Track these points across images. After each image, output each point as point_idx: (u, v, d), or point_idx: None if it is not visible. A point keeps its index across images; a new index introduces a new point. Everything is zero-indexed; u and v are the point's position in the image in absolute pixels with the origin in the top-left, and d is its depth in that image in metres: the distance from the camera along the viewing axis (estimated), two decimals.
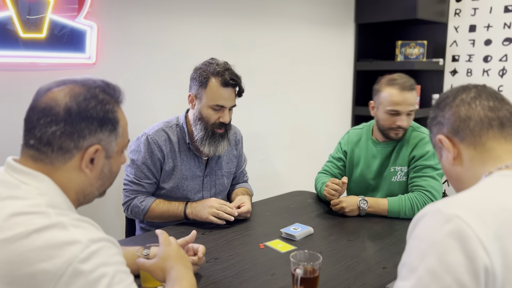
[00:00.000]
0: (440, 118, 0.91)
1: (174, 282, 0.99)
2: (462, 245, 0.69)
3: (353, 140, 2.01)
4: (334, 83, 3.43)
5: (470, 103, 0.88)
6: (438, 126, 0.92)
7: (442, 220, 0.73)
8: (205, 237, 1.54)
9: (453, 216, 0.72)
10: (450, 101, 0.90)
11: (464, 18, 3.30)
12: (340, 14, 3.38)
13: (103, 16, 2.12)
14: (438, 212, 0.75)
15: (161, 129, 1.74)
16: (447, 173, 0.94)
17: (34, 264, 0.72)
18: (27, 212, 0.77)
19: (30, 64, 1.95)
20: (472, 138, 0.86)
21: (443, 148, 0.91)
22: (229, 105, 1.68)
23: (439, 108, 0.93)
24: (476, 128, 0.86)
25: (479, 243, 0.69)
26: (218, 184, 1.84)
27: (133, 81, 2.30)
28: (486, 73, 3.25)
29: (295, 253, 1.16)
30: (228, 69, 1.67)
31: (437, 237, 0.72)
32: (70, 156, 0.86)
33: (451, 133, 0.89)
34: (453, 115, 0.89)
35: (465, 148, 0.88)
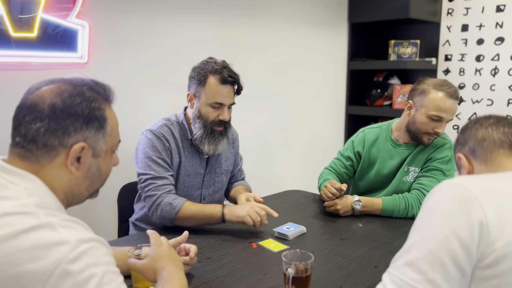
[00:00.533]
0: (461, 139, 1.08)
1: (165, 282, 0.98)
2: (464, 206, 0.83)
3: (369, 140, 1.96)
4: (327, 82, 3.44)
5: (487, 128, 1.03)
6: (459, 146, 1.09)
7: (450, 188, 0.88)
8: (198, 237, 1.53)
9: (460, 186, 0.86)
10: (471, 126, 1.07)
11: (457, 17, 3.32)
12: (334, 14, 3.38)
13: (95, 15, 2.11)
14: (447, 183, 0.90)
15: (164, 124, 1.72)
16: None
17: (21, 265, 0.72)
18: (15, 212, 0.77)
19: (21, 64, 1.93)
20: (484, 155, 1.01)
21: (461, 165, 1.07)
22: (228, 102, 1.67)
23: (462, 132, 1.09)
24: (488, 147, 1.01)
25: (477, 202, 0.83)
26: (217, 182, 1.84)
27: (125, 80, 2.29)
28: (478, 72, 3.26)
29: (287, 253, 1.16)
30: (226, 67, 1.67)
31: (445, 202, 0.86)
32: (55, 154, 0.85)
33: (468, 152, 1.05)
34: (471, 136, 1.04)
35: (478, 164, 1.02)
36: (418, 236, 0.86)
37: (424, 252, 0.83)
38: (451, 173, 1.80)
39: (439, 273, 0.81)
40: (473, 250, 0.81)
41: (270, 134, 3.09)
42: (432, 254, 0.82)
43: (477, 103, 3.28)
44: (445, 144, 1.83)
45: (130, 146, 1.81)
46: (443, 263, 0.81)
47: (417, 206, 1.73)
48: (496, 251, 0.80)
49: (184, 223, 1.59)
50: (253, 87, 2.90)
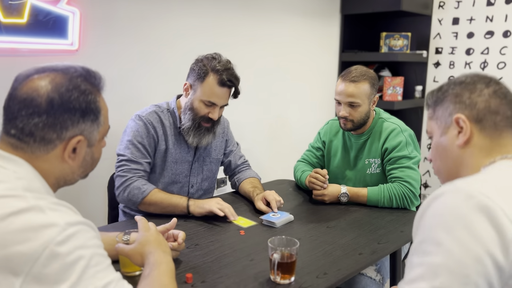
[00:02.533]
0: (467, 99, 0.89)
1: (152, 267, 1.00)
2: (489, 218, 0.70)
3: (332, 131, 2.04)
4: (319, 73, 3.45)
5: (502, 99, 0.88)
6: (460, 105, 0.90)
7: (464, 196, 0.73)
8: (186, 224, 1.55)
9: (475, 192, 0.73)
10: (482, 88, 0.89)
11: (448, 10, 3.34)
12: (326, 5, 3.39)
13: (85, 2, 2.09)
14: (458, 189, 0.75)
15: (153, 111, 1.75)
16: (445, 151, 0.93)
17: (10, 246, 0.73)
18: (4, 196, 0.78)
19: (11, 50, 1.92)
20: (493, 131, 0.87)
21: (453, 128, 0.90)
22: (221, 103, 1.70)
23: (468, 90, 0.90)
24: (501, 123, 0.87)
25: (506, 217, 0.70)
26: (206, 170, 1.87)
27: (116, 68, 2.28)
28: (468, 65, 3.30)
29: (273, 238, 1.19)
30: (228, 68, 1.68)
31: (462, 211, 0.71)
32: (52, 147, 0.87)
33: (473, 118, 0.88)
34: (484, 103, 0.88)
35: (481, 137, 0.88)
36: (443, 256, 0.71)
37: (456, 277, 0.69)
38: (415, 153, 1.83)
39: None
40: (506, 270, 0.70)
41: (260, 125, 3.11)
42: (467, 278, 0.69)
43: None
44: (394, 130, 1.85)
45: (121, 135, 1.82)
46: (478, 286, 0.69)
47: (401, 197, 1.75)
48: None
49: (148, 208, 1.63)
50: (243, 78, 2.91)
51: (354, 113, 1.81)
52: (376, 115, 1.92)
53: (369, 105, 1.83)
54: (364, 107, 1.81)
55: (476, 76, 0.93)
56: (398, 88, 3.34)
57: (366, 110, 1.82)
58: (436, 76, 3.47)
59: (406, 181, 1.77)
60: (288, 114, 3.29)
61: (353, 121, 1.83)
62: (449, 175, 0.94)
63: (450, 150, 0.92)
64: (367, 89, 1.80)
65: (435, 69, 3.47)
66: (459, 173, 0.91)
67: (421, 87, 3.51)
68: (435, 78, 3.48)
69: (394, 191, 1.76)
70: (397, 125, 1.87)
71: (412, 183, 1.77)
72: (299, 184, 2.00)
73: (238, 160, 1.98)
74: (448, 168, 0.94)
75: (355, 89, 1.78)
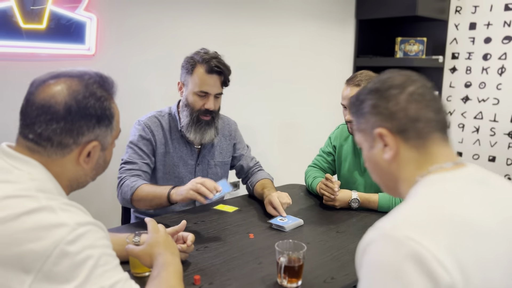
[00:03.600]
0: (384, 110, 0.83)
1: (160, 268, 1.02)
2: (421, 267, 0.65)
3: (342, 136, 2.04)
4: (333, 78, 3.45)
5: (419, 101, 0.82)
6: (379, 117, 0.84)
7: (394, 244, 0.68)
8: (197, 227, 1.57)
9: (404, 238, 0.68)
10: (397, 94, 0.83)
11: (465, 15, 3.31)
12: (341, 10, 3.39)
13: (102, 8, 2.15)
14: (386, 236, 0.70)
15: (153, 116, 1.80)
16: (376, 166, 0.89)
17: (22, 245, 0.76)
18: (17, 196, 0.81)
19: (30, 55, 1.98)
20: (417, 140, 0.82)
21: (378, 142, 0.86)
22: (213, 92, 1.71)
23: (384, 99, 0.84)
24: (424, 130, 0.82)
25: (437, 262, 0.65)
26: (211, 173, 1.88)
27: (131, 72, 2.33)
28: (485, 71, 3.25)
29: (280, 242, 1.20)
30: (215, 57, 1.71)
31: (393, 262, 0.67)
32: (68, 151, 0.90)
33: (395, 129, 0.83)
34: (402, 111, 0.82)
35: (407, 149, 0.83)
36: None
37: None
38: None
39: None
40: None
41: (273, 129, 3.12)
42: None
43: (483, 102, 3.28)
44: None
45: None
46: None
47: None
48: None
49: (139, 204, 1.63)
50: (258, 82, 2.93)
51: None
52: None
53: None
54: None
55: (390, 79, 0.86)
56: None
57: None
58: (453, 82, 3.43)
59: None
60: (301, 119, 3.29)
61: None
62: (388, 188, 0.91)
63: (381, 165, 0.87)
64: None
65: (452, 74, 3.43)
66: (397, 187, 0.87)
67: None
68: (451, 84, 3.44)
69: None
70: None
71: None
72: (310, 190, 2.00)
73: (250, 162, 1.99)
74: (385, 182, 0.91)
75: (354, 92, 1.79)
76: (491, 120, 3.26)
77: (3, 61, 1.93)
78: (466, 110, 3.37)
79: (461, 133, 3.41)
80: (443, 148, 0.83)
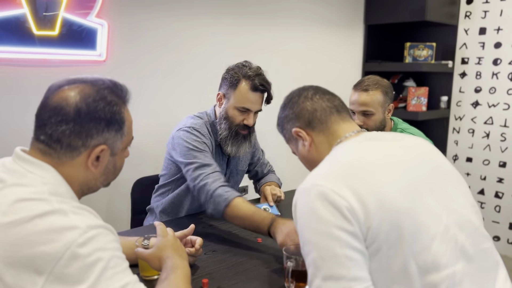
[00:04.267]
0: (291, 115, 1.11)
1: (169, 271, 1.03)
2: (325, 200, 0.87)
3: None
4: (342, 83, 3.45)
5: (312, 98, 1.10)
6: (291, 122, 1.11)
7: (306, 193, 0.91)
8: (205, 231, 1.58)
9: (311, 186, 0.91)
10: (296, 100, 1.11)
11: (475, 20, 3.30)
12: (350, 15, 3.40)
13: (113, 14, 2.18)
14: (301, 190, 0.94)
15: (202, 123, 1.74)
16: (306, 160, 1.13)
17: (35, 247, 0.78)
18: (30, 198, 0.83)
19: (43, 61, 2.02)
20: (320, 125, 1.07)
21: (299, 139, 1.11)
22: (255, 109, 1.72)
23: (288, 107, 1.12)
24: (322, 116, 1.07)
25: (335, 194, 0.87)
26: (233, 182, 1.91)
27: (141, 78, 2.36)
28: (495, 76, 3.23)
29: (288, 246, 1.20)
30: (259, 74, 1.71)
31: (308, 205, 0.90)
32: (77, 154, 0.91)
33: (304, 124, 1.09)
34: (302, 110, 1.09)
35: (316, 135, 1.08)
36: (314, 249, 0.87)
37: (329, 259, 0.85)
38: None
39: (351, 267, 0.84)
40: (358, 233, 0.86)
41: None
42: (336, 256, 0.85)
43: (493, 107, 3.25)
44: None
45: (145, 143, 1.88)
46: (348, 256, 0.85)
47: None
48: (370, 229, 0.86)
49: (234, 221, 1.49)
50: None
51: (368, 121, 1.82)
52: (394, 125, 1.91)
53: (384, 114, 1.83)
54: (378, 116, 1.81)
55: (289, 94, 1.16)
56: (422, 98, 3.30)
57: (381, 119, 1.82)
58: (462, 87, 3.41)
59: None
60: None
61: (368, 130, 1.83)
62: None
63: (307, 156, 1.11)
64: (379, 98, 1.80)
65: (461, 79, 3.41)
66: None
67: (446, 98, 3.46)
68: (461, 89, 3.42)
69: None
70: (417, 135, 1.86)
71: None
72: None
73: (265, 169, 2.04)
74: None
75: (368, 98, 1.80)
76: (501, 125, 3.23)
77: (16, 67, 1.97)
78: (476, 115, 3.35)
79: (471, 138, 3.39)
80: (343, 124, 1.08)
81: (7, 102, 1.98)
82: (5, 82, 1.96)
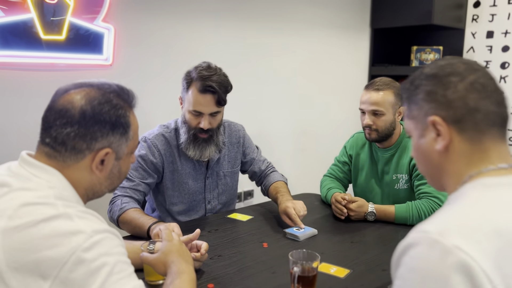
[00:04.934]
0: (441, 97, 0.79)
1: (174, 276, 1.03)
2: (468, 278, 0.63)
3: (358, 144, 2.02)
4: (348, 87, 3.44)
5: (480, 91, 0.77)
6: (435, 104, 0.79)
7: (441, 252, 0.65)
8: (211, 235, 1.58)
9: (453, 248, 0.64)
10: (457, 81, 0.78)
11: (482, 24, 3.27)
12: (356, 19, 3.39)
13: (120, 19, 2.19)
14: (433, 241, 0.66)
15: (161, 134, 1.74)
16: (425, 156, 0.84)
17: (40, 251, 0.77)
18: (36, 203, 0.83)
19: (50, 65, 2.03)
20: (474, 133, 0.77)
21: (431, 130, 0.81)
22: (207, 111, 1.64)
23: (442, 86, 0.79)
24: (482, 123, 0.77)
25: (485, 276, 0.63)
26: (221, 185, 1.86)
27: (147, 82, 2.36)
28: (503, 79, 3.21)
29: (294, 252, 1.19)
30: (211, 75, 1.62)
31: (440, 271, 0.64)
32: (82, 156, 0.91)
33: (451, 118, 0.78)
34: (461, 100, 0.77)
35: (461, 141, 0.78)
36: None
37: None
38: None
39: None
40: None
41: (288, 137, 3.12)
42: None
43: None
44: None
45: None
46: None
47: (430, 214, 1.72)
48: None
49: (123, 228, 1.57)
50: (273, 90, 2.94)
51: (378, 121, 1.81)
52: (404, 129, 1.90)
53: (394, 115, 1.82)
54: (388, 116, 1.80)
55: (450, 65, 0.81)
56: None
57: (391, 120, 1.81)
58: None
59: (435, 196, 1.73)
60: (317, 127, 3.29)
61: (378, 130, 1.82)
62: (432, 180, 0.88)
63: (430, 155, 0.83)
64: (391, 98, 1.80)
65: None
66: (442, 179, 0.84)
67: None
68: None
69: (422, 208, 1.72)
70: None
71: (441, 198, 1.73)
72: (325, 201, 1.99)
73: (262, 165, 1.96)
74: (431, 173, 0.87)
75: (379, 97, 1.79)
76: (510, 130, 3.20)
77: (24, 71, 1.98)
78: None
79: None
80: (499, 145, 0.79)
81: (15, 106, 1.99)
82: (13, 86, 1.97)
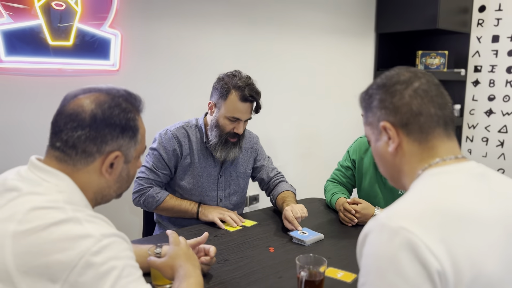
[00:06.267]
0: (389, 104, 0.87)
1: (182, 280, 1.03)
2: (414, 255, 0.70)
3: (362, 149, 2.00)
4: (353, 92, 3.44)
5: (423, 97, 0.85)
6: (385, 110, 0.88)
7: (390, 234, 0.73)
8: (217, 240, 1.58)
9: (399, 229, 0.72)
10: (401, 89, 0.87)
11: (487, 28, 3.27)
12: (361, 24, 3.40)
13: (126, 25, 2.21)
14: (383, 226, 0.75)
15: (182, 127, 1.85)
16: (382, 161, 0.93)
17: (50, 255, 0.78)
18: (46, 207, 0.83)
19: (58, 70, 2.05)
20: (420, 134, 0.86)
21: (383, 134, 0.89)
22: (244, 118, 1.77)
23: (390, 94, 0.88)
24: (426, 125, 0.85)
25: (428, 251, 0.70)
26: (233, 185, 1.91)
27: (154, 87, 2.38)
28: (509, 84, 3.20)
29: (301, 256, 1.19)
30: (249, 84, 1.74)
31: (390, 251, 0.72)
32: (92, 160, 0.92)
33: (399, 123, 0.87)
34: (405, 106, 0.86)
35: (409, 142, 0.86)
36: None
37: None
38: None
39: None
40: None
41: (293, 142, 3.12)
42: None
43: (508, 115, 3.22)
44: None
45: None
46: None
47: None
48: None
49: (162, 213, 1.83)
50: (278, 95, 2.95)
51: None
52: None
53: None
54: None
55: (396, 75, 0.90)
56: None
57: None
58: (476, 95, 3.38)
59: None
60: (321, 132, 3.29)
61: None
62: (393, 180, 0.95)
63: (385, 157, 0.91)
64: None
65: (474, 87, 3.38)
66: (400, 179, 0.91)
67: (459, 106, 3.43)
68: (474, 97, 3.39)
69: None
70: None
71: None
72: (330, 205, 1.99)
73: (271, 173, 2.00)
74: (391, 174, 0.94)
75: None
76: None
77: (31, 77, 2.00)
78: (490, 123, 3.31)
79: (485, 147, 3.35)
80: (445, 142, 0.86)
81: (23, 111, 2.01)
82: (21, 91, 1.99)
